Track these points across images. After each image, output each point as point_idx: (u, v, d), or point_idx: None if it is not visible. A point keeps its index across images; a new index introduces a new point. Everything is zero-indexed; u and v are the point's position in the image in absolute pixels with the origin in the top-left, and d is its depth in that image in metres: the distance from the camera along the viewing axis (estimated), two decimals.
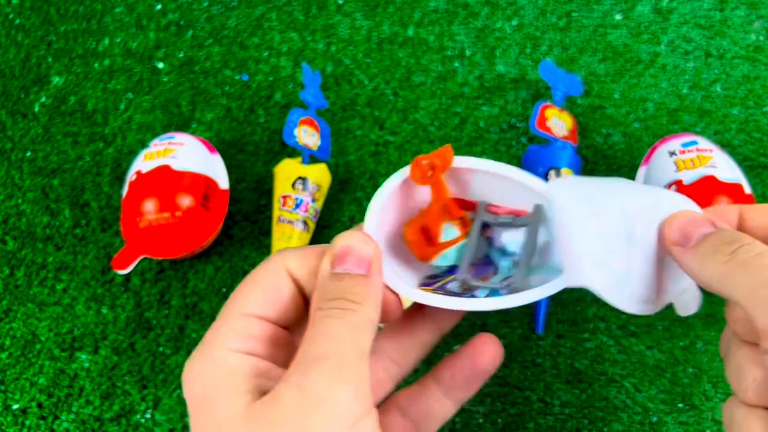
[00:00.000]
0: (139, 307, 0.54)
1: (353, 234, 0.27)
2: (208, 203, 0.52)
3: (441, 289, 0.33)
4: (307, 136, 0.55)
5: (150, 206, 0.51)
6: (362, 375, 0.22)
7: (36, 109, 0.64)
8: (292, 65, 0.64)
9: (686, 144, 0.51)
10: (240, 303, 0.25)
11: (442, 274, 0.34)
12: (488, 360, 0.31)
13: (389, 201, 0.33)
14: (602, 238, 0.30)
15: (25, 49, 0.67)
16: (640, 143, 0.58)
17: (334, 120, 0.61)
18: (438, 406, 0.32)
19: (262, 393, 0.22)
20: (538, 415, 0.48)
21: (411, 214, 0.35)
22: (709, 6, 0.64)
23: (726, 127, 0.58)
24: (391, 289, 0.29)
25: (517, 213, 0.34)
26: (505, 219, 0.34)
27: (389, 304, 0.28)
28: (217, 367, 0.23)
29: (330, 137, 0.58)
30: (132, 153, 0.61)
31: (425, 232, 0.34)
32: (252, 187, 0.59)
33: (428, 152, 0.59)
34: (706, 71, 0.61)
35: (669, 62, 0.62)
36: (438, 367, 0.32)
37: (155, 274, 0.55)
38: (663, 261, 0.31)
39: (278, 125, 0.61)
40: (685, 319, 0.51)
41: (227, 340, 0.24)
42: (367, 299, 0.25)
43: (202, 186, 0.52)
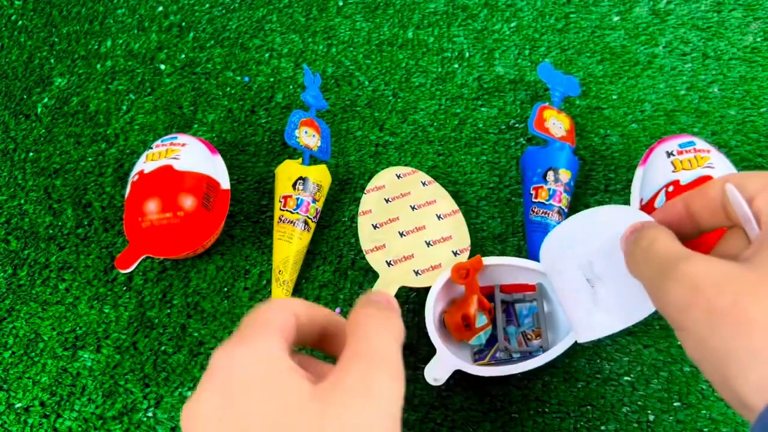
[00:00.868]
0: (141, 306, 0.55)
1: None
2: (210, 203, 0.53)
3: (493, 359, 0.48)
4: (307, 137, 0.56)
5: (152, 206, 0.51)
6: (403, 378, 0.26)
7: (39, 110, 0.64)
8: (292, 67, 0.65)
9: (684, 145, 0.52)
10: (264, 320, 0.27)
11: (483, 349, 0.48)
12: None
13: (436, 295, 0.48)
14: (572, 294, 0.42)
15: (28, 50, 0.68)
16: (638, 144, 0.58)
17: (335, 121, 0.62)
18: None
19: (311, 381, 0.25)
20: (536, 413, 0.48)
21: (448, 304, 0.50)
22: (707, 8, 0.65)
23: (723, 128, 0.58)
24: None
25: (524, 287, 0.50)
26: (518, 296, 0.50)
27: None
28: (269, 355, 0.25)
29: (330, 138, 0.59)
30: (134, 154, 0.61)
31: (464, 319, 0.47)
32: (253, 187, 0.59)
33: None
34: (703, 72, 0.61)
35: (666, 64, 0.62)
36: None
37: (157, 273, 0.56)
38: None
39: (279, 126, 0.62)
40: None
41: (269, 336, 0.26)
42: (396, 313, 0.28)
43: (204, 186, 0.53)
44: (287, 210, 0.54)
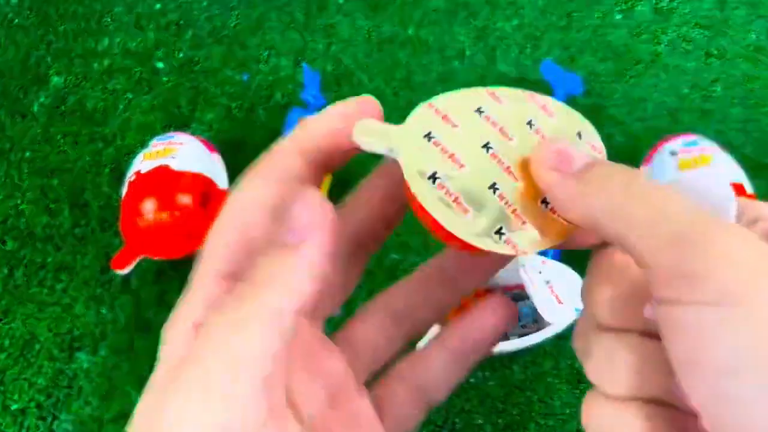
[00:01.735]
0: (138, 308, 0.54)
1: (313, 196, 0.19)
2: (208, 203, 0.52)
3: None
4: None
5: (149, 206, 0.50)
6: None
7: (35, 109, 0.64)
8: (292, 65, 0.64)
9: (688, 144, 0.51)
10: (213, 259, 0.21)
11: None
12: (501, 319, 0.25)
13: None
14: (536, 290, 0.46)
15: (25, 49, 0.67)
16: (641, 143, 0.57)
17: None
18: (446, 372, 0.25)
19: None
20: (538, 415, 0.48)
21: None
22: (710, 6, 0.64)
23: (727, 127, 0.58)
24: None
25: (520, 286, 0.50)
26: (519, 293, 0.50)
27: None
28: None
29: None
30: (132, 153, 0.61)
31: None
32: None
33: None
34: (706, 71, 0.61)
35: (669, 62, 0.62)
36: (444, 331, 0.26)
37: (155, 274, 0.55)
38: None
39: (278, 125, 0.61)
40: None
41: (196, 309, 0.19)
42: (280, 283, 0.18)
43: (202, 186, 0.52)
44: None
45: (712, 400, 0.16)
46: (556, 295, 0.49)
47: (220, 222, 0.21)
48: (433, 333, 0.28)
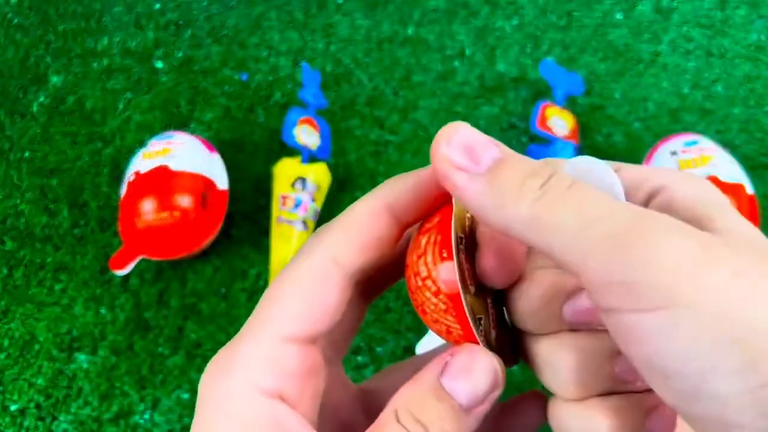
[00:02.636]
0: (137, 308, 0.54)
1: (481, 351, 0.19)
2: (207, 203, 0.52)
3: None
4: (306, 135, 0.55)
5: (148, 206, 0.50)
6: None
7: (34, 108, 0.64)
8: (291, 65, 0.64)
9: (688, 144, 0.51)
10: (275, 320, 0.19)
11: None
12: (538, 419, 0.23)
13: None
14: None
15: (24, 48, 0.67)
16: (642, 143, 0.57)
17: (334, 119, 0.61)
18: None
19: None
20: None
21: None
22: (710, 5, 0.64)
23: (727, 127, 0.58)
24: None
25: None
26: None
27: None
28: (239, 406, 0.18)
29: (330, 137, 0.58)
30: (131, 153, 0.60)
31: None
32: (251, 186, 0.58)
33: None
34: (707, 71, 0.61)
35: (670, 62, 0.61)
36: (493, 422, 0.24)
37: (154, 274, 0.55)
38: None
39: (278, 125, 0.61)
40: None
41: (255, 373, 0.18)
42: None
43: (201, 186, 0.52)
44: (285, 210, 0.53)
45: (678, 402, 0.15)
46: None
47: (297, 273, 0.20)
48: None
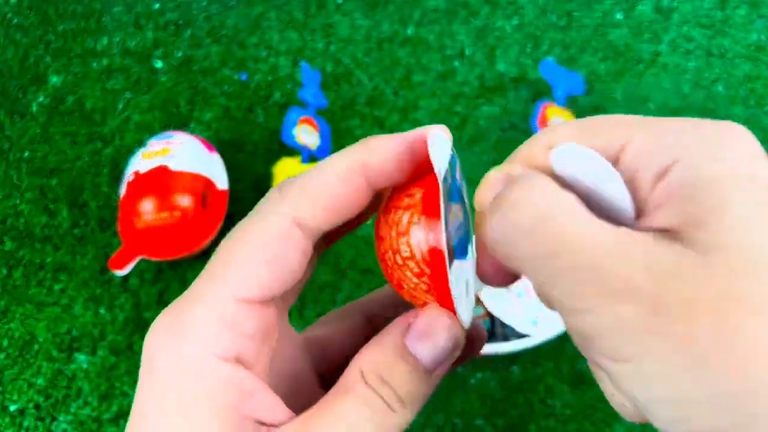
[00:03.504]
0: (137, 308, 0.54)
1: (441, 312, 0.19)
2: (207, 203, 0.52)
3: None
4: (306, 135, 0.55)
5: (148, 206, 0.50)
6: None
7: (34, 108, 0.64)
8: (291, 64, 0.64)
9: None
10: (231, 280, 0.18)
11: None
12: (480, 342, 0.23)
13: None
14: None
15: (24, 48, 0.67)
16: None
17: (334, 119, 0.61)
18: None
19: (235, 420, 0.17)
20: (539, 417, 0.47)
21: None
22: (711, 5, 0.64)
23: None
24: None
25: None
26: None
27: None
28: (195, 372, 0.17)
29: (330, 136, 0.58)
30: (130, 153, 0.60)
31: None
32: (251, 187, 0.58)
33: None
34: (707, 70, 0.61)
35: (670, 61, 0.61)
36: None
37: (154, 274, 0.55)
38: None
39: (277, 125, 0.61)
40: None
41: (211, 337, 0.18)
42: (416, 403, 0.18)
43: (200, 186, 0.52)
44: None
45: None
46: (528, 287, 0.49)
47: (257, 232, 0.19)
48: None
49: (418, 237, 0.18)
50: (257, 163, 0.59)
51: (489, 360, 0.50)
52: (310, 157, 0.56)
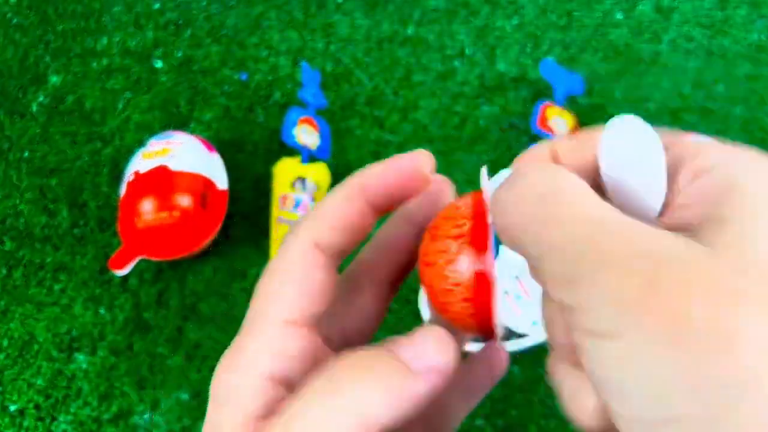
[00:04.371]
0: (137, 308, 0.54)
1: (439, 333, 0.19)
2: (207, 203, 0.52)
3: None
4: (306, 135, 0.55)
5: (148, 206, 0.50)
6: None
7: (34, 108, 0.64)
8: (291, 64, 0.64)
9: None
10: (273, 308, 0.20)
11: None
12: (503, 365, 0.25)
13: None
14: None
15: (23, 48, 0.67)
16: None
17: (334, 119, 0.61)
18: (458, 411, 0.26)
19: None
20: (539, 417, 0.47)
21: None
22: (711, 5, 0.64)
23: (728, 127, 0.57)
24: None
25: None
26: None
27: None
28: (245, 395, 0.19)
29: (329, 136, 0.58)
30: (130, 153, 0.60)
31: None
32: (251, 187, 0.58)
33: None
34: (707, 70, 0.60)
35: (670, 61, 0.61)
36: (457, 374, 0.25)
37: (154, 274, 0.55)
38: None
39: (277, 125, 0.61)
40: None
41: (261, 363, 0.19)
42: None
43: (200, 186, 0.52)
44: (285, 210, 0.53)
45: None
46: (527, 290, 0.49)
47: (283, 262, 0.20)
48: None
49: (466, 264, 0.19)
50: (257, 163, 0.59)
51: None
52: (310, 157, 0.56)
